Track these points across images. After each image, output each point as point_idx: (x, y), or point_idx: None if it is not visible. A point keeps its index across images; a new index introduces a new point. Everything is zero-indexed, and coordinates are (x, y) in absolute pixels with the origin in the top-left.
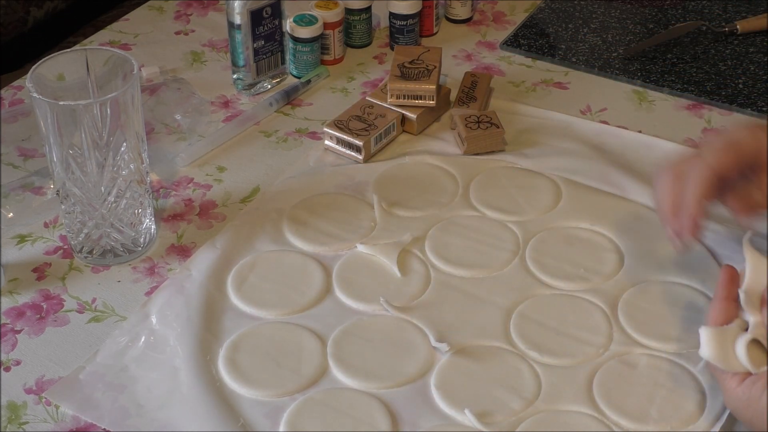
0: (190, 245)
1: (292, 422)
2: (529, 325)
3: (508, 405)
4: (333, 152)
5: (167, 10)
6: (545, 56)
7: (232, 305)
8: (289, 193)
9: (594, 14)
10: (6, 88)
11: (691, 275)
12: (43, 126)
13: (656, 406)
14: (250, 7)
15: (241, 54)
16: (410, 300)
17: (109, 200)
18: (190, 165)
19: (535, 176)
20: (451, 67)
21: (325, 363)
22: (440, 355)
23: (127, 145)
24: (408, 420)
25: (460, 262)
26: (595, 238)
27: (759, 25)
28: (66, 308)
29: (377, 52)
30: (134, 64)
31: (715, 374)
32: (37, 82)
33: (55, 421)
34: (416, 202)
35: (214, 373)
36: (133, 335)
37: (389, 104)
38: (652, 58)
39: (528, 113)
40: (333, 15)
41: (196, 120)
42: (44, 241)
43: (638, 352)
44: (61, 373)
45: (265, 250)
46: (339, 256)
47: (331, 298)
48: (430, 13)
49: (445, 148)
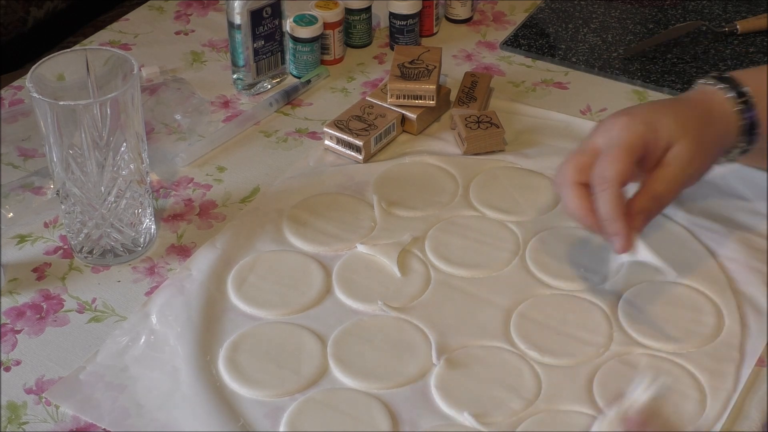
0: (190, 245)
1: (292, 422)
2: (529, 325)
3: (508, 405)
4: (333, 152)
5: (167, 10)
6: (545, 56)
7: (232, 305)
8: (289, 193)
9: (594, 14)
10: (6, 88)
11: (691, 275)
12: (43, 126)
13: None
14: (250, 7)
15: (241, 54)
16: (410, 300)
17: (109, 200)
18: (190, 165)
19: (535, 176)
20: (451, 67)
21: (325, 363)
22: (440, 356)
23: (127, 145)
24: (408, 420)
25: (460, 262)
26: (595, 238)
27: (759, 25)
28: (66, 308)
29: (377, 52)
30: (134, 64)
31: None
32: (37, 82)
33: (55, 421)
34: (416, 202)
35: (214, 373)
36: (133, 335)
37: (389, 104)
38: (652, 58)
39: (528, 113)
40: (333, 15)
41: (196, 120)
42: (44, 241)
43: (638, 352)
44: (61, 373)
45: (265, 250)
46: (339, 256)
47: (331, 298)
48: (430, 13)
49: (445, 148)
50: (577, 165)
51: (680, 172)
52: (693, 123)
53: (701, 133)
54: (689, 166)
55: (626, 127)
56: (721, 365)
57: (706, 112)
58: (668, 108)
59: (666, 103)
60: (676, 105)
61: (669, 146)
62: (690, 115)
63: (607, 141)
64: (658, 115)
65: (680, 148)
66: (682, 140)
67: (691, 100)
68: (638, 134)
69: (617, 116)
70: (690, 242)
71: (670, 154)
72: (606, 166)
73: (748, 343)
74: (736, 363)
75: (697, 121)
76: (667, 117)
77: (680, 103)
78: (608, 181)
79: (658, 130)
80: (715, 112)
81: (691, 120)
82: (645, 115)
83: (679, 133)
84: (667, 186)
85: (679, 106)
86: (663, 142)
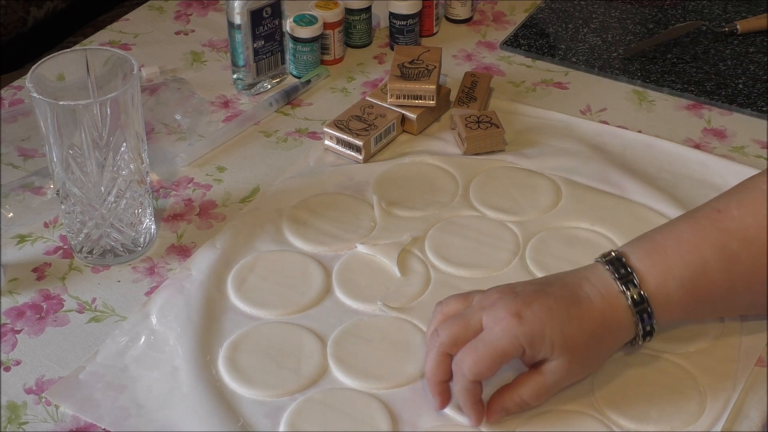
0: (190, 245)
1: (292, 422)
2: None
3: None
4: (333, 152)
5: (167, 10)
6: (545, 56)
7: (232, 305)
8: (289, 193)
9: (594, 14)
10: (6, 88)
11: None
12: (43, 126)
13: (656, 407)
14: (250, 7)
15: (241, 54)
16: (410, 300)
17: (109, 200)
18: (190, 165)
19: (535, 176)
20: (451, 67)
21: (325, 363)
22: None
23: (127, 145)
24: (408, 420)
25: (460, 262)
26: (595, 238)
27: (759, 25)
28: (66, 308)
29: (377, 52)
30: (134, 64)
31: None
32: (37, 82)
33: (55, 421)
34: (416, 202)
35: (214, 373)
36: (133, 335)
37: (389, 104)
38: (652, 58)
39: (528, 113)
40: (333, 15)
41: (196, 120)
42: (44, 241)
43: (638, 352)
44: (61, 373)
45: (265, 250)
46: (339, 256)
47: (331, 298)
48: (430, 13)
49: (445, 148)
50: (452, 336)
51: (552, 386)
52: (582, 340)
53: (588, 351)
54: (565, 380)
55: (510, 332)
56: (721, 365)
57: (602, 326)
58: (562, 316)
59: (562, 306)
60: (573, 312)
61: (548, 359)
62: (583, 331)
63: (486, 333)
64: (548, 327)
65: (560, 363)
66: (563, 358)
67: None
68: (516, 346)
69: (509, 306)
70: None
71: (548, 366)
72: (469, 363)
73: (748, 343)
74: (736, 363)
75: (588, 338)
76: (556, 331)
77: (579, 310)
78: (464, 377)
79: (542, 343)
80: (612, 324)
81: (581, 338)
82: (533, 323)
83: (563, 350)
84: (536, 395)
85: (575, 316)
86: (542, 353)
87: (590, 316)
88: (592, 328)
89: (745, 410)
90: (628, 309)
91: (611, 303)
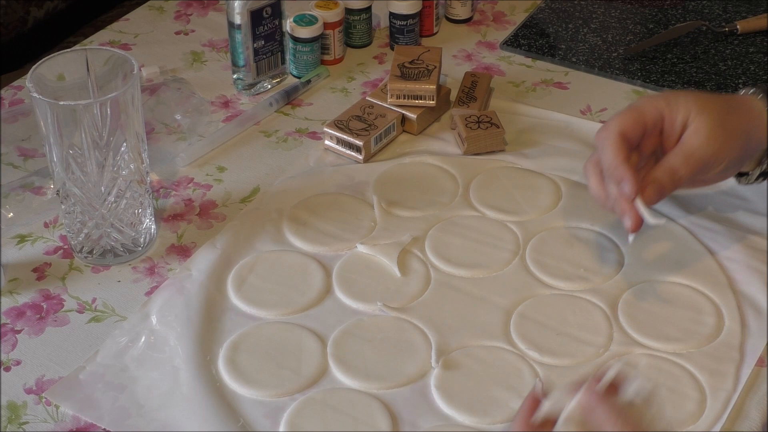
0: (190, 245)
1: (292, 422)
2: (529, 325)
3: (508, 405)
4: (333, 152)
5: (167, 10)
6: (545, 56)
7: (232, 305)
8: (289, 193)
9: (594, 14)
10: (6, 88)
11: (691, 275)
12: (43, 126)
13: (656, 407)
14: (250, 7)
15: (241, 54)
16: (410, 300)
17: (109, 200)
18: (190, 165)
19: (535, 176)
20: (451, 67)
21: (325, 363)
22: (440, 356)
23: (127, 145)
24: (408, 420)
25: (460, 262)
26: (595, 238)
27: (759, 25)
28: (66, 308)
29: (377, 52)
30: (134, 64)
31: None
32: (37, 82)
33: (55, 421)
34: (416, 202)
35: (214, 373)
36: (133, 335)
37: (389, 104)
38: (652, 58)
39: (528, 113)
40: (333, 15)
41: (196, 120)
42: (44, 241)
43: (638, 352)
44: (61, 373)
45: (265, 250)
46: (339, 256)
47: (331, 298)
48: (430, 13)
49: (445, 148)
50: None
51: (697, 148)
52: (713, 104)
53: (722, 114)
54: (707, 145)
55: (649, 99)
56: (721, 365)
57: (730, 100)
58: (692, 92)
59: (692, 90)
60: (701, 92)
61: (687, 124)
62: (711, 98)
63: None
64: (680, 94)
65: (698, 125)
66: (700, 117)
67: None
68: (655, 105)
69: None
70: (690, 242)
71: (688, 132)
72: (612, 121)
73: (748, 343)
74: (736, 363)
75: (718, 103)
76: (688, 95)
77: (706, 92)
78: (608, 129)
79: (678, 105)
80: (741, 103)
81: (711, 101)
82: (669, 93)
83: (698, 110)
84: (683, 160)
85: (704, 93)
86: (681, 117)
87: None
88: (722, 99)
89: (745, 410)
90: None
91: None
